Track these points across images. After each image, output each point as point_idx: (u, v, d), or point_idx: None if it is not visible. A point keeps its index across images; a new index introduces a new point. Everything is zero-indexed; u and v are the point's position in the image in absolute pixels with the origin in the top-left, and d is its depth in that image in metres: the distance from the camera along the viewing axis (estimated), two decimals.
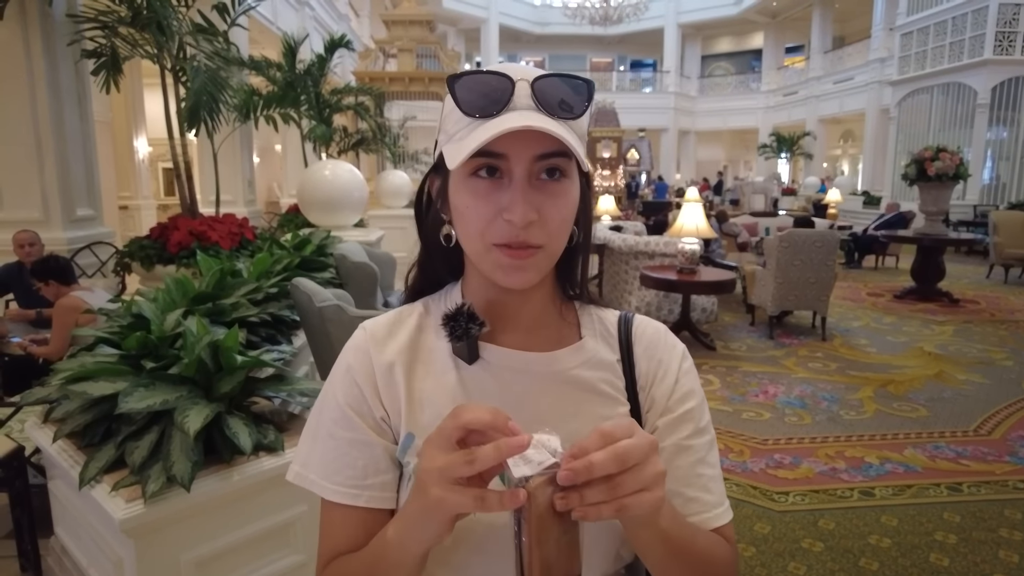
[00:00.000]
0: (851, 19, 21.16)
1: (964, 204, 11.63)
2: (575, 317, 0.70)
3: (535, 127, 0.51)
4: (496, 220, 0.56)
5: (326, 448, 0.62)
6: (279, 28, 8.62)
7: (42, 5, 4.06)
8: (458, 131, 0.56)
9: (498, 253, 0.57)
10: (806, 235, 5.10)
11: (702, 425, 0.66)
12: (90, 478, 1.40)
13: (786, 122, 21.45)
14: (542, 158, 0.55)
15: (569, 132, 0.54)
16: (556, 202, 0.57)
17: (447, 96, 0.58)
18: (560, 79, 0.56)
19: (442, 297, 0.69)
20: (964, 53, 11.96)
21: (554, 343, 0.66)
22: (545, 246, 0.57)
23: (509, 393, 0.62)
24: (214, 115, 4.09)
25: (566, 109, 0.55)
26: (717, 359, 4.64)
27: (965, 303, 6.73)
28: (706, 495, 0.64)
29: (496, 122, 0.53)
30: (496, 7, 23.35)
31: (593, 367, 0.66)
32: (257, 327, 2.37)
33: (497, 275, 0.58)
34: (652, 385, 0.67)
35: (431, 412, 0.61)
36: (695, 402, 0.67)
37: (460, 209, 0.58)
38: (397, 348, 0.64)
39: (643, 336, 0.70)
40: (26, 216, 4.17)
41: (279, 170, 14.63)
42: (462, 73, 0.56)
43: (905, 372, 4.39)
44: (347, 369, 0.64)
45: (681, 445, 0.64)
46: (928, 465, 3.00)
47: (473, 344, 0.62)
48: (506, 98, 0.54)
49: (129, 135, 9.57)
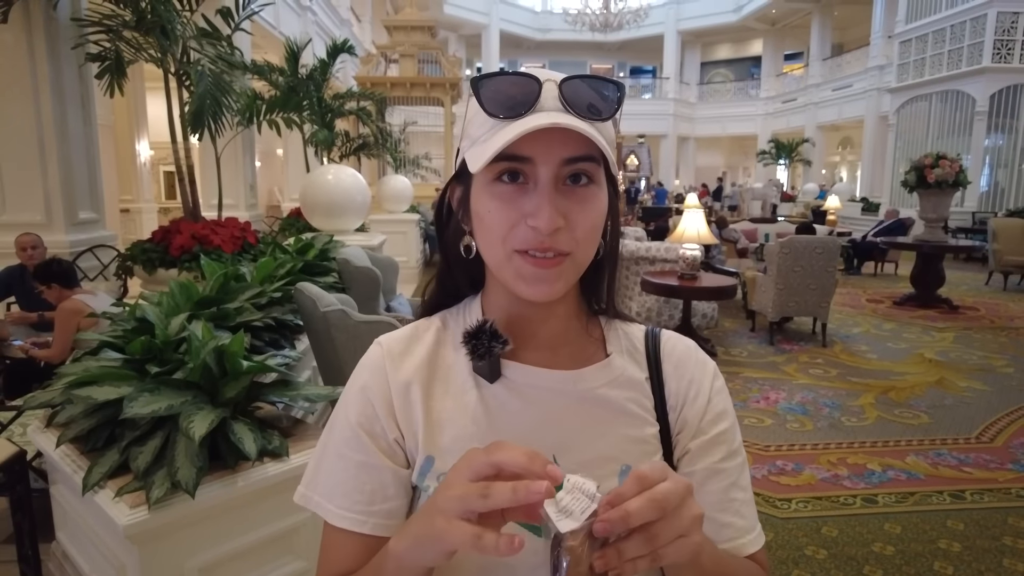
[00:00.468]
0: (850, 27, 21.26)
1: (963, 211, 11.66)
2: (601, 333, 0.67)
3: (563, 124, 0.49)
4: (519, 226, 0.53)
5: (334, 469, 0.60)
6: (282, 33, 8.64)
7: (47, 8, 4.07)
8: (482, 134, 0.54)
9: (520, 261, 0.54)
10: (807, 241, 5.11)
11: (735, 447, 0.64)
12: (93, 483, 1.40)
13: (785, 129, 21.52)
14: (570, 162, 0.53)
15: (598, 134, 0.52)
16: (584, 208, 0.54)
17: (471, 99, 0.55)
18: (589, 80, 0.54)
19: (461, 311, 0.67)
20: (963, 61, 12.01)
21: (579, 360, 0.63)
22: (573, 253, 0.55)
23: (532, 413, 0.60)
24: (218, 119, 4.10)
25: (594, 112, 0.53)
26: (718, 365, 4.62)
27: (965, 310, 6.73)
28: (739, 520, 0.62)
29: (522, 122, 0.51)
30: (497, 13, 23.44)
31: (621, 386, 0.63)
32: (261, 332, 2.37)
33: (519, 286, 0.56)
34: (684, 405, 0.64)
35: (451, 433, 0.59)
36: (728, 423, 0.65)
37: (481, 214, 0.55)
38: (414, 366, 0.62)
39: (672, 353, 0.67)
40: (29, 219, 4.17)
41: (280, 174, 14.65)
42: (486, 75, 0.53)
43: (906, 379, 4.39)
44: (362, 388, 0.61)
45: (714, 468, 0.62)
46: (931, 472, 3.00)
47: (495, 362, 0.60)
48: (532, 99, 0.52)
49: (131, 138, 9.59)
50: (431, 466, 0.59)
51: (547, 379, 0.61)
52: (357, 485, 0.58)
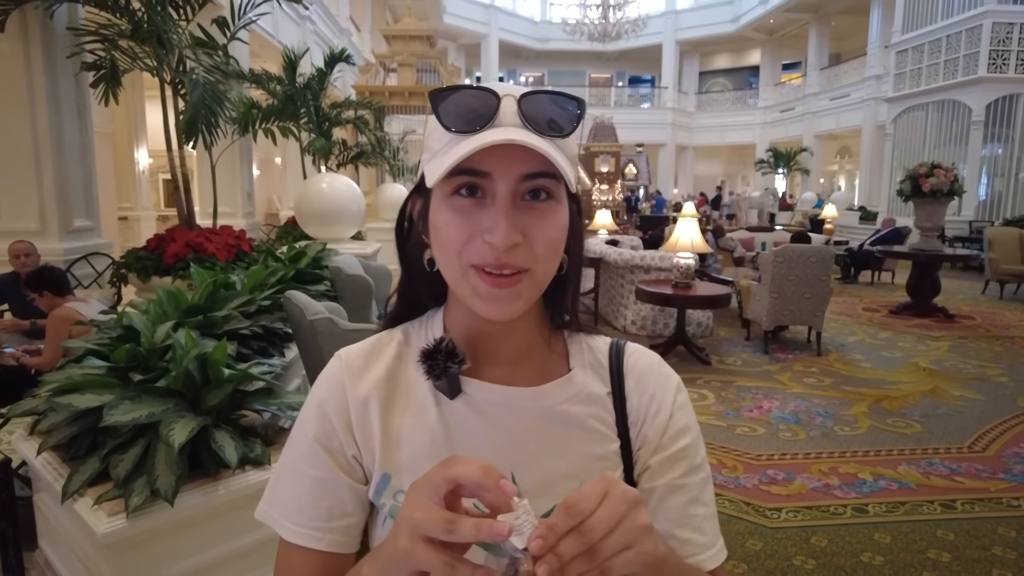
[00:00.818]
0: (847, 37, 21.38)
1: (960, 220, 11.68)
2: (564, 347, 0.66)
3: (520, 142, 0.49)
4: (475, 240, 0.52)
5: (291, 485, 0.59)
6: (280, 42, 8.68)
7: (43, 18, 4.09)
8: (441, 148, 0.53)
9: (476, 278, 0.53)
10: (801, 250, 5.11)
11: (696, 463, 0.63)
12: (73, 491, 1.40)
13: (783, 138, 21.59)
14: (528, 178, 0.52)
15: (557, 151, 0.51)
16: (543, 223, 0.53)
17: (431, 114, 0.55)
18: (549, 96, 0.53)
19: (424, 325, 0.66)
20: (958, 71, 12.07)
21: (541, 376, 0.63)
22: (532, 270, 0.53)
23: (493, 431, 0.59)
24: (212, 128, 4.11)
25: (555, 128, 0.52)
26: (712, 374, 4.64)
27: (961, 319, 6.73)
28: (699, 536, 0.61)
29: (479, 136, 0.50)
30: (496, 23, 23.59)
31: (582, 402, 0.63)
32: (249, 340, 2.37)
33: (476, 304, 0.55)
34: (644, 422, 0.63)
35: (409, 451, 0.58)
36: (689, 439, 0.63)
37: (438, 227, 0.55)
38: (374, 381, 0.61)
39: (635, 367, 0.66)
40: (23, 227, 4.18)
41: (279, 183, 14.69)
42: (446, 88, 0.52)
43: (900, 388, 4.38)
44: (320, 403, 0.60)
45: (674, 484, 0.61)
46: (922, 482, 2.99)
47: (454, 380, 0.59)
48: (491, 114, 0.51)
49: (130, 147, 9.62)
50: (387, 484, 0.58)
51: (507, 396, 0.61)
52: (314, 501, 0.57)
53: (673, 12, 24.15)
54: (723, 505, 2.73)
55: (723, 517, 2.63)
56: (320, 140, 7.07)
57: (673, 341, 5.06)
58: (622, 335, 5.70)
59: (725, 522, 2.59)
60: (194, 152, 5.37)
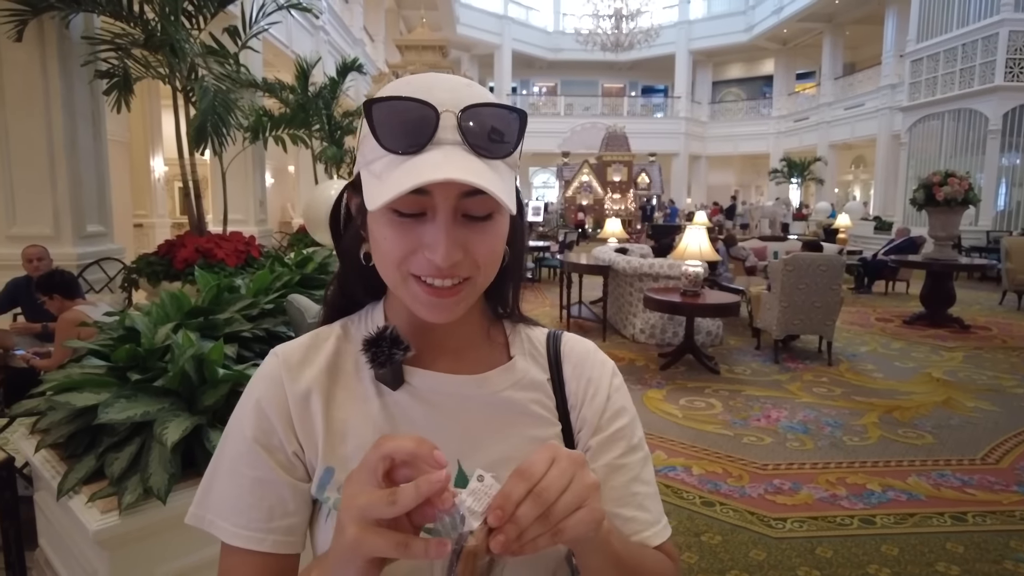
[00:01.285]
0: (861, 46, 21.28)
1: (977, 230, 11.53)
2: (504, 337, 0.67)
3: (458, 180, 0.46)
4: (417, 254, 0.52)
5: (227, 486, 0.57)
6: (293, 51, 8.79)
7: (60, 27, 4.18)
8: (377, 158, 0.51)
9: (416, 287, 0.53)
10: (811, 259, 5.07)
11: (635, 442, 0.64)
12: (68, 488, 1.41)
13: (797, 147, 21.50)
14: (468, 195, 0.50)
15: (495, 174, 0.50)
16: (484, 238, 0.53)
17: (363, 119, 0.52)
18: (489, 110, 0.51)
19: (363, 318, 0.65)
20: (975, 79, 11.96)
21: (483, 365, 0.63)
22: (473, 278, 0.54)
23: (437, 418, 0.59)
24: (221, 134, 4.16)
25: (496, 141, 0.51)
26: (720, 383, 4.59)
27: (976, 329, 6.63)
28: (643, 513, 0.62)
29: (417, 163, 0.48)
30: (509, 33, 23.75)
31: (523, 388, 0.64)
32: (251, 342, 2.38)
33: (417, 309, 0.55)
34: (583, 405, 0.65)
35: (354, 443, 0.57)
36: (627, 419, 0.65)
37: (377, 240, 0.54)
38: (314, 374, 0.60)
39: (572, 354, 0.68)
40: (38, 231, 4.25)
41: (292, 191, 14.82)
42: (380, 98, 0.50)
43: (912, 398, 4.31)
44: (257, 400, 0.58)
45: (614, 464, 0.62)
46: (932, 493, 2.93)
47: (397, 369, 0.59)
48: (429, 132, 0.49)
49: (146, 155, 9.77)
50: (331, 477, 0.57)
51: (451, 384, 0.61)
52: (254, 502, 0.56)
53: (686, 22, 24.19)
54: (728, 514, 2.69)
55: (727, 526, 2.59)
56: (332, 148, 7.14)
57: (682, 350, 5.03)
58: (631, 343, 5.70)
59: (729, 532, 2.56)
60: (207, 160, 5.44)
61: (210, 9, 4.55)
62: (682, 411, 3.99)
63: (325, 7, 10.78)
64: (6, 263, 4.07)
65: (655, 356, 5.25)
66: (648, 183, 21.30)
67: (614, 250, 6.61)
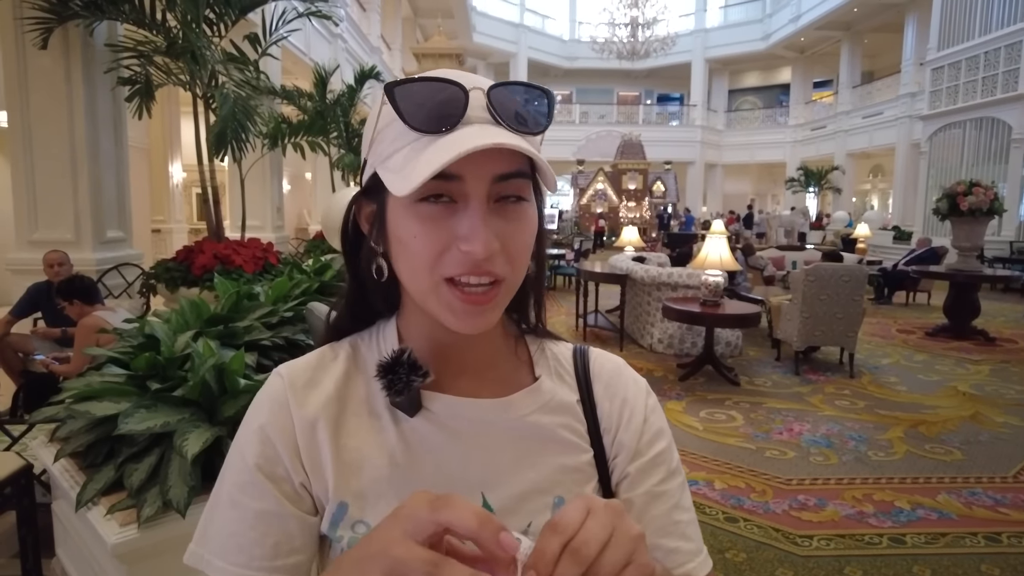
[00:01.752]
0: (880, 54, 21.10)
1: (1000, 240, 11.34)
2: (528, 355, 0.62)
3: (505, 144, 0.44)
4: (451, 251, 0.48)
5: (227, 520, 0.52)
6: (312, 59, 8.85)
7: (84, 35, 4.22)
8: (399, 149, 0.48)
9: (450, 294, 0.49)
10: (833, 269, 4.99)
11: (674, 466, 0.60)
12: (87, 499, 1.39)
13: (814, 156, 21.33)
14: (502, 179, 0.48)
15: (533, 147, 0.48)
16: (519, 227, 0.50)
17: (382, 107, 0.49)
18: (518, 88, 0.49)
19: (374, 336, 0.60)
20: (997, 88, 11.79)
21: (507, 386, 0.59)
22: (505, 279, 0.50)
23: (458, 447, 0.55)
24: (241, 141, 4.17)
25: (522, 122, 0.49)
26: (741, 395, 4.52)
27: (1002, 342, 6.49)
28: (685, 543, 0.58)
29: (452, 139, 0.45)
30: (525, 42, 23.83)
31: (552, 411, 0.59)
32: (270, 351, 2.36)
33: (447, 318, 0.50)
34: (618, 428, 0.60)
35: (367, 475, 0.53)
36: (665, 442, 0.61)
37: (404, 240, 0.49)
38: (322, 399, 0.55)
39: (602, 372, 0.63)
40: (59, 237, 4.28)
41: (309, 197, 14.92)
42: (403, 80, 0.47)
43: (938, 412, 4.22)
44: (261, 426, 0.53)
45: (655, 492, 0.58)
46: (964, 512, 2.85)
47: (415, 395, 0.54)
48: (460, 110, 0.47)
49: (165, 161, 9.87)
50: (344, 513, 0.52)
51: (473, 409, 0.56)
52: (256, 537, 0.50)
53: (702, 30, 24.14)
54: (751, 531, 2.63)
55: (752, 543, 2.53)
56: (349, 156, 7.15)
57: (701, 361, 4.96)
58: (648, 353, 5.64)
59: (754, 549, 2.49)
60: (225, 166, 5.47)
61: (231, 17, 4.57)
62: (702, 423, 3.93)
63: (343, 15, 10.85)
64: (28, 268, 4.10)
65: (673, 367, 5.18)
66: (663, 191, 21.24)
67: (631, 259, 6.56)
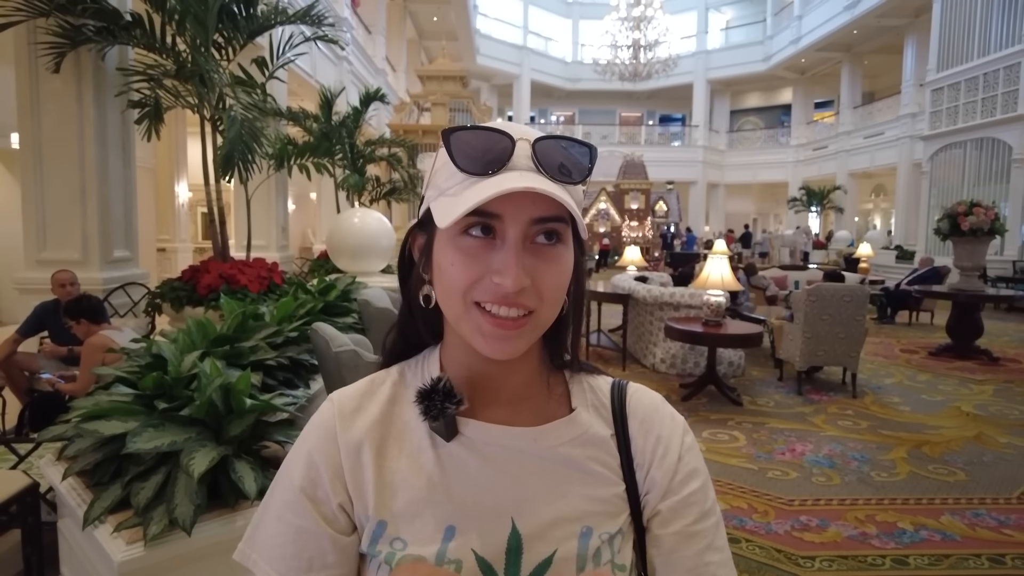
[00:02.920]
0: (880, 75, 21.29)
1: (1003, 260, 11.35)
2: (565, 387, 0.65)
3: (537, 189, 0.48)
4: (484, 281, 0.52)
5: (273, 531, 0.57)
6: (318, 81, 8.98)
7: (96, 59, 4.31)
8: (450, 188, 0.53)
9: (480, 317, 0.53)
10: (834, 289, 5.00)
11: (708, 506, 0.61)
12: (94, 518, 1.40)
13: (816, 176, 21.42)
14: (539, 222, 0.52)
15: (568, 196, 0.51)
16: (551, 267, 0.53)
17: (440, 150, 0.54)
18: (562, 141, 0.53)
19: (420, 364, 0.64)
20: (997, 108, 11.88)
21: (542, 417, 0.61)
22: (536, 311, 0.53)
23: (491, 472, 0.58)
24: (247, 162, 4.23)
25: (565, 173, 0.53)
26: (744, 415, 4.52)
27: (1006, 362, 6.47)
28: None
29: (495, 181, 0.50)
30: (528, 64, 24.11)
31: (584, 444, 0.61)
32: (275, 371, 2.39)
33: (478, 341, 0.54)
34: (651, 465, 0.61)
35: (405, 496, 0.57)
36: (700, 482, 0.61)
37: (443, 267, 0.54)
38: (367, 424, 0.59)
39: (639, 408, 0.64)
40: (67, 256, 4.32)
41: (314, 217, 15.02)
42: (459, 128, 0.52)
43: (941, 433, 4.21)
44: (309, 451, 0.59)
45: (687, 532, 0.59)
46: (967, 534, 2.84)
47: (451, 421, 0.58)
48: (505, 157, 0.51)
49: (171, 180, 9.98)
50: (383, 531, 0.56)
51: (507, 437, 0.59)
52: (295, 551, 0.56)
53: (704, 52, 24.40)
54: (754, 551, 2.62)
55: (754, 564, 2.52)
56: (354, 176, 7.24)
57: (703, 381, 4.96)
58: (651, 373, 5.64)
59: (756, 570, 2.48)
60: (231, 186, 5.54)
61: (239, 41, 4.67)
62: (705, 444, 3.92)
63: (349, 39, 11.03)
64: (35, 287, 4.14)
65: (676, 387, 5.18)
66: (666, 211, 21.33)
67: (633, 278, 6.58)
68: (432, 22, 18.55)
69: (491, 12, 23.15)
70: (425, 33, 19.48)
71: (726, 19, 25.51)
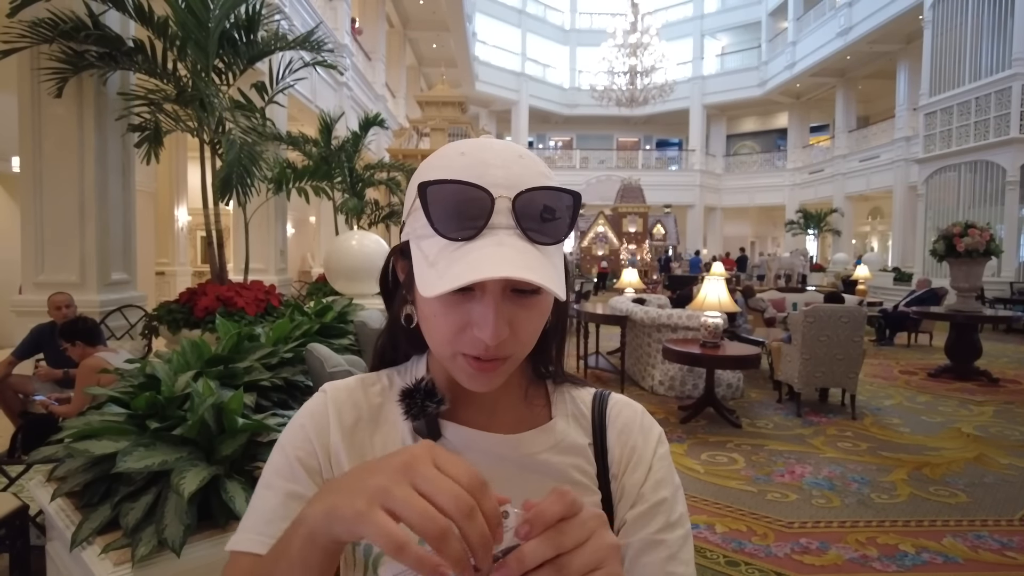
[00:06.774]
0: (874, 100, 21.56)
1: (1000, 281, 11.38)
2: (546, 397, 0.66)
3: (514, 277, 0.47)
4: (466, 331, 0.52)
5: (260, 499, 0.57)
6: (317, 106, 9.08)
7: (97, 84, 4.36)
8: (427, 237, 0.51)
9: (464, 362, 0.53)
10: (831, 310, 5.01)
11: (674, 518, 0.60)
12: (82, 539, 1.39)
13: (813, 199, 21.55)
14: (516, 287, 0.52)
15: (547, 259, 0.50)
16: (529, 314, 0.53)
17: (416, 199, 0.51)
18: (542, 194, 0.50)
19: (408, 369, 0.66)
20: (990, 132, 12.00)
21: (521, 424, 0.62)
22: (514, 355, 0.54)
23: None
24: (246, 186, 4.26)
25: (548, 221, 0.50)
26: (742, 437, 4.48)
27: (1006, 383, 6.45)
28: None
29: (473, 253, 0.48)
30: (527, 90, 24.43)
31: (563, 452, 0.61)
32: (269, 391, 2.38)
33: (461, 378, 0.55)
34: (623, 473, 0.62)
35: None
36: (668, 492, 0.61)
37: (427, 315, 0.55)
38: (354, 418, 0.61)
39: (618, 418, 0.65)
40: (64, 279, 4.33)
41: (313, 241, 15.07)
42: (435, 181, 0.49)
43: (942, 454, 4.17)
44: (302, 425, 0.60)
45: (651, 540, 0.58)
46: (970, 556, 2.80)
47: (433, 421, 0.59)
48: (484, 218, 0.49)
49: (171, 205, 10.04)
50: None
51: (487, 442, 0.60)
52: (284, 513, 0.54)
53: (700, 78, 24.72)
54: (753, 575, 2.59)
55: None
56: (353, 200, 7.28)
57: (702, 403, 4.94)
58: (649, 395, 5.61)
59: None
60: (230, 210, 5.57)
61: (239, 66, 4.73)
62: (704, 466, 3.89)
63: (349, 64, 11.17)
64: (32, 309, 4.14)
65: (675, 409, 5.15)
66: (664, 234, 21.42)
67: (631, 300, 6.58)
68: (431, 49, 18.81)
69: (490, 40, 23.49)
70: (425, 60, 19.74)
71: (721, 45, 25.89)
